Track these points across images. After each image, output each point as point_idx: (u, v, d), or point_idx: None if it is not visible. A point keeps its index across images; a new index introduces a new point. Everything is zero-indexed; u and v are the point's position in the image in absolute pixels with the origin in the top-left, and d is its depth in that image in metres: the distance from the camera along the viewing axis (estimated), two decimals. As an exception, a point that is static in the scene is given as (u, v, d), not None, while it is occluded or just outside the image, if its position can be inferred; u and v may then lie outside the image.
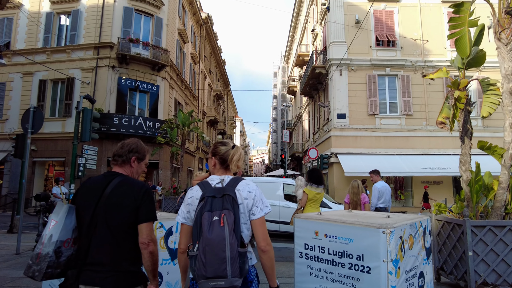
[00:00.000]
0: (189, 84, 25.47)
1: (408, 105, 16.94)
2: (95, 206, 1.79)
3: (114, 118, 16.91)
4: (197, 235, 1.62)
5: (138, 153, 2.04)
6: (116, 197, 1.81)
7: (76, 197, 1.90)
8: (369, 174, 6.65)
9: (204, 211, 1.63)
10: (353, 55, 17.15)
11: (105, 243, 1.75)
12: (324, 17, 19.11)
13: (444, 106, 5.05)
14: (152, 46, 18.60)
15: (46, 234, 1.73)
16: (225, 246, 1.53)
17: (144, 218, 1.80)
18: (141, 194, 1.83)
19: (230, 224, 1.58)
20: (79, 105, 7.61)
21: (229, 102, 53.42)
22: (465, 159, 4.47)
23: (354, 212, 3.40)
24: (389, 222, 2.51)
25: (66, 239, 1.76)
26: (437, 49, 17.41)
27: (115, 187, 1.84)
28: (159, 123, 17.82)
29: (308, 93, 23.03)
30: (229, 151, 1.91)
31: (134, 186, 1.87)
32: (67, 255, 1.77)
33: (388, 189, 6.37)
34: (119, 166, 1.99)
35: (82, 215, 1.81)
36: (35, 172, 17.63)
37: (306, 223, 2.92)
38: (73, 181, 7.96)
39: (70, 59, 17.98)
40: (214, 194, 1.69)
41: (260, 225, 1.74)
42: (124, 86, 17.95)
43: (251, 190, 1.78)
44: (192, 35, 27.11)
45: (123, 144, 2.04)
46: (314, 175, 4.87)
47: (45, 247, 1.69)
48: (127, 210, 1.78)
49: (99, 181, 1.89)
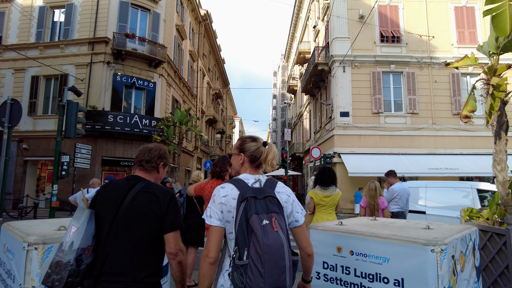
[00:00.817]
0: (187, 82, 24.85)
1: (414, 103, 16.36)
2: (115, 213, 1.71)
3: (109, 116, 16.27)
4: (245, 240, 1.43)
5: (166, 159, 2.00)
6: (140, 204, 1.72)
7: (96, 201, 1.80)
8: (385, 176, 6.04)
9: (251, 214, 1.46)
10: (356, 51, 16.57)
11: (125, 252, 1.66)
12: (327, 13, 18.53)
13: (469, 98, 4.46)
14: (148, 42, 17.97)
15: (67, 241, 1.61)
16: (284, 254, 1.41)
17: (171, 227, 1.72)
18: (167, 201, 1.74)
19: (284, 229, 1.47)
20: (64, 98, 7.00)
21: (228, 101, 52.80)
22: (501, 158, 3.87)
23: (380, 220, 2.80)
24: (437, 237, 1.91)
25: (87, 246, 1.67)
26: (443, 46, 16.83)
27: (138, 193, 1.75)
28: (155, 121, 17.19)
29: (309, 91, 22.44)
30: (260, 148, 1.76)
31: (159, 192, 1.78)
32: (87, 263, 1.68)
33: (406, 192, 5.75)
34: (145, 172, 1.91)
35: (101, 221, 1.72)
36: (26, 172, 16.98)
37: (324, 236, 2.33)
38: (56, 181, 7.32)
39: (64, 54, 17.33)
40: (255, 195, 1.53)
41: (304, 231, 1.71)
42: (119, 83, 17.32)
43: (289, 194, 1.70)
44: (190, 32, 26.50)
45: (150, 150, 1.95)
46: (320, 175, 4.27)
47: (65, 254, 1.59)
48: (152, 218, 1.70)
49: (121, 185, 1.80)
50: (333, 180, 4.28)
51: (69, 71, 17.14)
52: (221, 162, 3.57)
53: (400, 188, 5.80)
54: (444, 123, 16.20)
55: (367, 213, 4.89)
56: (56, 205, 6.79)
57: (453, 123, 16.21)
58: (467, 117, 4.29)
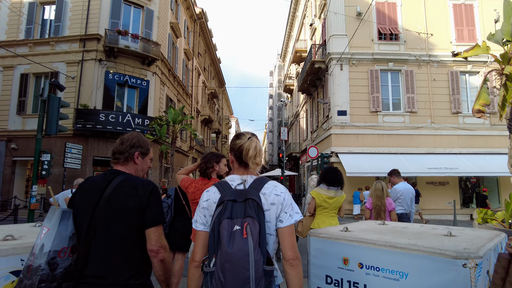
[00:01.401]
0: (182, 80, 24.41)
1: (412, 102, 16.06)
2: (93, 210, 1.58)
3: (101, 115, 15.83)
4: (214, 247, 1.38)
5: (141, 147, 1.84)
6: (118, 199, 1.60)
7: (74, 199, 1.69)
8: (388, 175, 5.67)
9: (223, 218, 1.38)
10: (354, 49, 16.25)
11: (105, 252, 1.54)
12: (324, 10, 18.21)
13: (481, 91, 4.10)
14: (142, 39, 17.55)
15: (37, 243, 1.50)
16: (248, 264, 1.28)
17: (152, 222, 1.60)
18: (147, 194, 1.61)
19: (254, 236, 1.33)
20: (44, 92, 6.57)
21: (224, 101, 52.39)
22: (517, 154, 3.52)
23: (390, 225, 2.43)
24: (468, 248, 1.55)
25: (62, 248, 1.52)
26: (442, 43, 16.56)
27: (116, 187, 1.63)
28: (148, 120, 16.75)
29: (306, 90, 22.10)
30: (243, 145, 1.62)
31: (138, 184, 1.65)
32: (64, 266, 1.53)
33: (411, 192, 5.38)
34: (121, 165, 1.80)
35: (80, 220, 1.60)
36: (15, 172, 16.48)
37: (327, 245, 1.96)
38: (36, 181, 6.87)
39: (54, 52, 16.85)
40: (234, 198, 1.43)
41: (288, 234, 1.49)
42: (111, 81, 16.88)
43: (279, 193, 1.53)
44: (185, 30, 26.08)
45: (123, 140, 1.83)
46: (328, 174, 3.89)
47: (36, 258, 1.47)
48: (131, 213, 1.57)
49: (98, 181, 1.69)
50: (340, 180, 3.91)
51: (60, 68, 16.68)
52: (207, 159, 3.22)
53: (404, 188, 5.43)
54: (443, 122, 15.92)
55: (372, 216, 4.52)
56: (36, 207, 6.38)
57: (452, 122, 15.95)
58: (480, 111, 3.94)
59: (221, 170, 3.19)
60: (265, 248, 1.37)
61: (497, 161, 14.86)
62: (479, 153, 15.41)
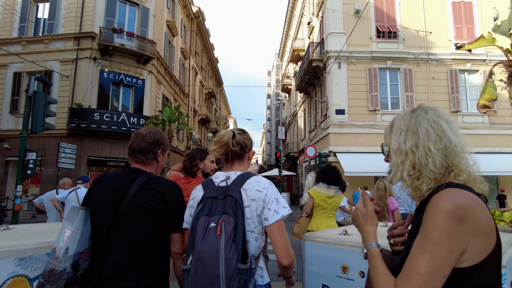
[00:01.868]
0: (179, 80, 24.17)
1: (411, 101, 15.88)
2: (114, 211, 1.51)
3: (95, 114, 15.58)
4: (192, 244, 1.33)
5: (163, 144, 1.77)
6: (142, 202, 1.52)
7: (90, 197, 1.62)
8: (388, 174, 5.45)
9: (201, 216, 1.35)
10: (352, 47, 16.05)
11: (127, 254, 1.48)
12: (321, 8, 18.02)
13: (487, 85, 3.89)
14: (137, 37, 17.31)
15: (61, 246, 1.41)
16: (218, 261, 1.24)
17: (180, 226, 1.58)
18: (174, 198, 1.57)
19: (228, 233, 1.28)
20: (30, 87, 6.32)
21: (222, 101, 52.15)
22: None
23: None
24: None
25: (84, 249, 1.48)
26: (441, 42, 16.38)
27: (140, 188, 1.55)
28: (144, 120, 16.50)
29: (303, 89, 21.90)
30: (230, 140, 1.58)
31: (164, 187, 1.60)
32: (84, 267, 1.49)
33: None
34: (143, 164, 1.70)
35: (98, 221, 1.53)
36: (8, 173, 16.20)
37: (324, 250, 1.75)
38: (20, 181, 6.62)
39: (48, 50, 16.58)
40: (215, 195, 1.40)
41: (277, 232, 1.41)
42: (106, 80, 16.62)
43: (261, 189, 1.45)
44: (182, 29, 25.83)
45: (142, 136, 1.71)
46: (328, 173, 3.68)
47: (60, 262, 1.39)
48: (157, 217, 1.52)
49: (119, 179, 1.61)
50: (341, 180, 3.71)
51: (54, 67, 16.42)
52: (191, 156, 2.95)
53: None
54: (442, 121, 15.72)
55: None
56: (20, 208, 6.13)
57: (452, 121, 15.76)
58: (486, 106, 3.74)
59: (206, 167, 2.91)
60: (241, 246, 1.31)
61: (496, 160, 14.70)
62: (479, 152, 15.12)
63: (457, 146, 1.06)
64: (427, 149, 1.04)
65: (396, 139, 1.12)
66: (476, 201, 0.94)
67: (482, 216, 0.92)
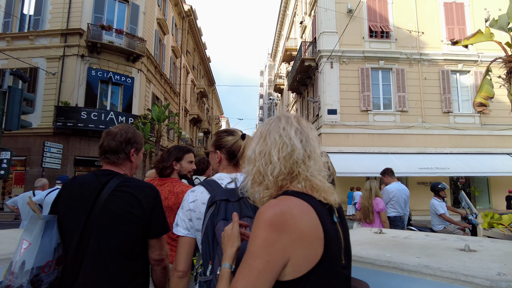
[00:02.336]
0: (170, 78, 23.82)
1: (403, 101, 15.81)
2: (86, 217, 1.37)
3: (82, 113, 15.20)
4: (209, 252, 1.20)
5: (137, 142, 1.62)
6: (116, 206, 1.39)
7: (58, 204, 1.47)
8: (380, 174, 5.26)
9: (217, 220, 1.22)
10: (344, 47, 15.92)
11: (100, 265, 1.35)
12: (314, 7, 17.87)
13: (483, 82, 3.73)
14: (126, 35, 16.95)
15: (17, 260, 1.28)
16: None
17: (157, 232, 1.47)
18: (151, 202, 1.44)
19: None
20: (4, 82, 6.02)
21: (214, 101, 51.83)
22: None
23: (389, 234, 2.00)
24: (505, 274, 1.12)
25: (46, 262, 1.32)
26: (433, 42, 16.36)
27: (113, 192, 1.41)
28: (133, 119, 16.15)
29: (296, 88, 21.74)
30: (238, 142, 1.52)
31: (139, 189, 1.45)
32: (49, 281, 1.33)
33: (404, 193, 4.99)
34: (115, 165, 1.55)
35: (68, 229, 1.39)
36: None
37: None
38: (-7, 182, 6.31)
39: (34, 46, 16.13)
40: (227, 197, 1.27)
41: None
42: (94, 78, 16.24)
43: None
44: (173, 27, 25.49)
45: (113, 134, 1.55)
46: None
47: (16, 277, 1.25)
48: (133, 222, 1.39)
49: (90, 183, 1.46)
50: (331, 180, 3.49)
51: (40, 64, 15.99)
52: (164, 157, 2.52)
53: (397, 189, 5.02)
54: (434, 121, 15.70)
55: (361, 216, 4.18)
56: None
57: (443, 122, 15.75)
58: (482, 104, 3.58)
59: (183, 169, 2.51)
60: None
61: (487, 161, 14.72)
62: (470, 153, 15.23)
63: (300, 154, 1.02)
64: (269, 156, 1.03)
65: (252, 147, 1.10)
66: (302, 209, 0.90)
67: (306, 224, 0.88)
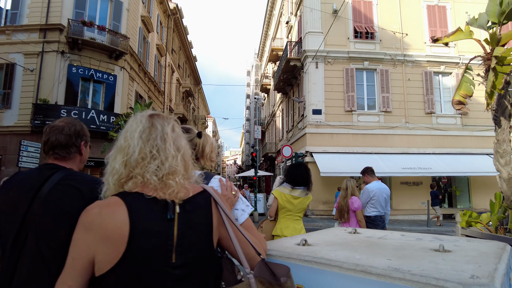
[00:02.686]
0: (154, 77, 23.43)
1: (387, 101, 15.97)
2: (24, 213, 1.27)
3: (62, 111, 14.73)
4: None
5: (86, 135, 1.57)
6: (57, 201, 1.28)
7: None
8: (361, 173, 5.20)
9: None
10: (330, 47, 15.98)
11: (39, 266, 1.22)
12: (300, 7, 17.87)
13: (462, 80, 3.72)
14: (109, 31, 16.54)
15: None
16: None
17: None
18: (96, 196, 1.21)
19: None
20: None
21: (200, 100, 51.41)
22: (504, 149, 3.12)
23: (363, 234, 1.90)
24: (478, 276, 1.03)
25: None
26: (416, 43, 16.59)
27: (56, 186, 1.31)
28: (114, 117, 15.77)
29: (281, 88, 21.73)
30: (194, 140, 1.52)
31: (84, 184, 1.34)
32: None
33: (385, 192, 4.94)
34: (64, 160, 1.47)
35: (5, 226, 1.30)
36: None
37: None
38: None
39: (11, 41, 15.56)
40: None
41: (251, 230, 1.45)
42: (75, 75, 15.78)
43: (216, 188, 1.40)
44: (158, 25, 25.10)
45: (61, 128, 1.48)
46: (291, 171, 3.37)
47: None
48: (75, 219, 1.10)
49: (31, 178, 1.36)
50: (307, 179, 3.39)
51: (17, 60, 15.43)
52: None
53: (377, 188, 4.97)
54: (417, 122, 15.92)
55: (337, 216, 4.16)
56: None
57: (426, 122, 15.98)
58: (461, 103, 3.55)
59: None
60: None
61: (468, 161, 15.00)
62: (451, 153, 15.49)
63: (136, 153, 1.02)
64: (112, 156, 1.05)
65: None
66: (113, 209, 0.93)
67: (112, 222, 0.91)
